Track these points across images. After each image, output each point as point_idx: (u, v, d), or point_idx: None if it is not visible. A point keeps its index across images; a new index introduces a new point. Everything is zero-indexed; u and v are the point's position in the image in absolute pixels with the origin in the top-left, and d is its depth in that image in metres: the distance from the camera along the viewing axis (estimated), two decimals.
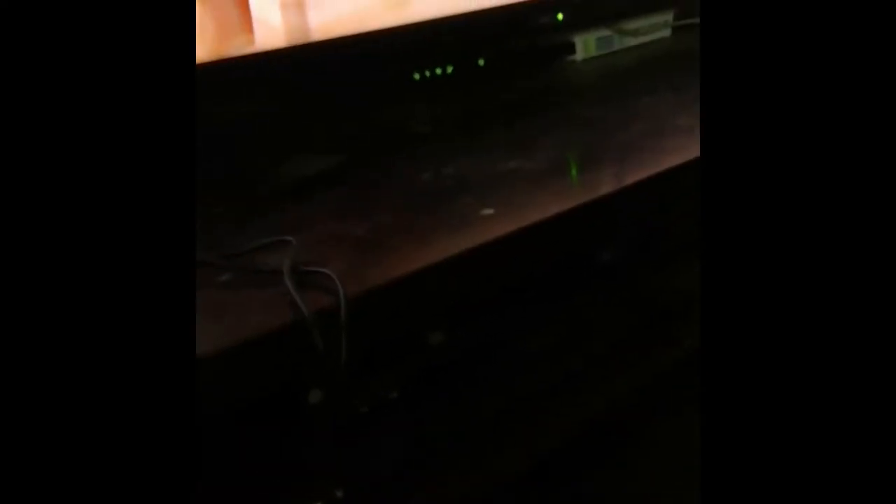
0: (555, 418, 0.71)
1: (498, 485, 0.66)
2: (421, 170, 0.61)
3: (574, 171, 0.59)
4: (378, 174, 0.63)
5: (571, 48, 0.98)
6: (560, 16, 0.82)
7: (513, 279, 0.51)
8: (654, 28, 1.08)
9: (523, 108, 0.77)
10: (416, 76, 0.82)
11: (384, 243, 0.51)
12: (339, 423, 0.61)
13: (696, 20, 1.13)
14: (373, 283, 0.45)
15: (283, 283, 0.44)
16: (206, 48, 0.61)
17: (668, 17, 1.10)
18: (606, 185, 0.55)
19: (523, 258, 0.51)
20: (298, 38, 0.65)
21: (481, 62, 0.87)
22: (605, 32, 1.01)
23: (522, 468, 0.68)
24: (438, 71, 0.83)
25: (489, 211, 0.53)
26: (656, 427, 0.77)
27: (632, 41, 1.05)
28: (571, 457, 0.72)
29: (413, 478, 0.63)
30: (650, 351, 0.76)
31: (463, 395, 0.66)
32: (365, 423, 0.61)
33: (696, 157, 0.58)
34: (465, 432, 0.66)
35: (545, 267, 0.53)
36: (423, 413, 0.64)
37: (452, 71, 0.84)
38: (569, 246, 0.55)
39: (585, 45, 1.00)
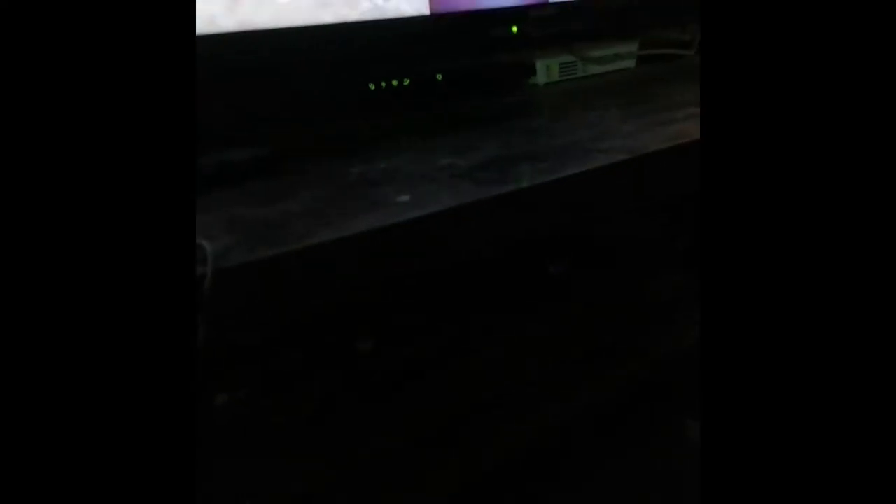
0: (499, 434, 0.68)
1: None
2: (353, 165, 0.59)
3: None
4: (309, 167, 0.60)
5: (533, 71, 0.99)
6: (514, 28, 0.82)
7: (429, 269, 0.48)
8: (618, 57, 1.08)
9: (475, 120, 0.76)
10: (372, 86, 0.81)
11: (286, 225, 0.47)
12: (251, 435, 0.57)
13: (660, 51, 1.14)
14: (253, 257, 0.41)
15: None
16: None
17: (632, 47, 1.11)
18: (531, 178, 0.52)
19: (437, 246, 0.48)
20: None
21: (439, 77, 0.86)
22: (568, 58, 1.02)
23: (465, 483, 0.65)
24: (395, 82, 0.82)
25: (405, 198, 0.50)
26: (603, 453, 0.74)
27: (595, 69, 1.06)
28: (517, 474, 0.69)
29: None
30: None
31: (398, 407, 0.64)
32: (275, 437, 0.58)
33: (631, 157, 0.56)
34: (404, 447, 0.63)
35: (468, 257, 0.50)
36: (353, 426, 0.61)
37: (409, 83, 0.83)
38: (496, 239, 0.51)
39: (548, 70, 1.00)
